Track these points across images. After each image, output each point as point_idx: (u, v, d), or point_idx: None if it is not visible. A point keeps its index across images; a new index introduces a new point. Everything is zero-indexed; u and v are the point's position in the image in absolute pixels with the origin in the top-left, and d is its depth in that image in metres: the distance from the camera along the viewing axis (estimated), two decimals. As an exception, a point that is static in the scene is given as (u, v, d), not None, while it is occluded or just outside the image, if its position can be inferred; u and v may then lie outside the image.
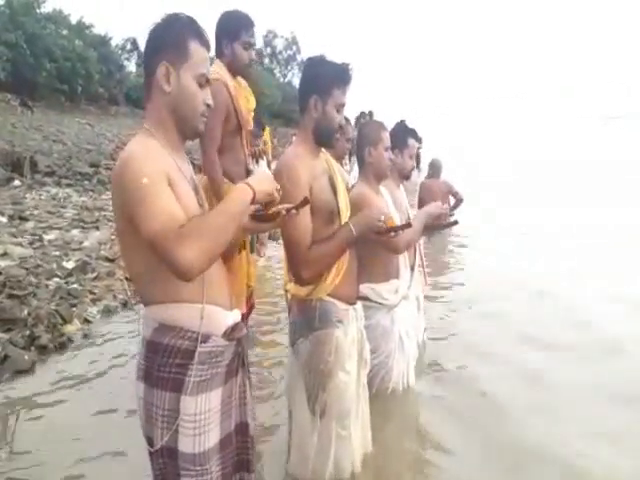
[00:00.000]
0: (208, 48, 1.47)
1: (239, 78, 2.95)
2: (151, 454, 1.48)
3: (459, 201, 6.89)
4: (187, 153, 1.58)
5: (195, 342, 1.42)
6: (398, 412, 2.77)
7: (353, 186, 2.61)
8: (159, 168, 1.32)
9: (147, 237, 1.28)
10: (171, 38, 1.41)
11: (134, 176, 1.29)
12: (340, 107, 1.98)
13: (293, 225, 1.85)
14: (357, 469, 2.15)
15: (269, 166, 4.59)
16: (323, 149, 2.09)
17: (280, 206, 1.53)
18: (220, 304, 1.49)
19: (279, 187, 1.49)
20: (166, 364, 1.41)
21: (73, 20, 29.87)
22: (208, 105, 1.46)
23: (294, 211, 1.57)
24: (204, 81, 1.44)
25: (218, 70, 2.74)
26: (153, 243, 1.28)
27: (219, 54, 2.85)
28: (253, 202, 1.42)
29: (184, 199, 1.37)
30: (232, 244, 1.47)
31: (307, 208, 1.87)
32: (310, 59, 2.04)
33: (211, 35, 2.86)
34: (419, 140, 3.82)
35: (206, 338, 1.43)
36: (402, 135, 3.11)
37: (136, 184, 1.28)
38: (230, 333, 1.50)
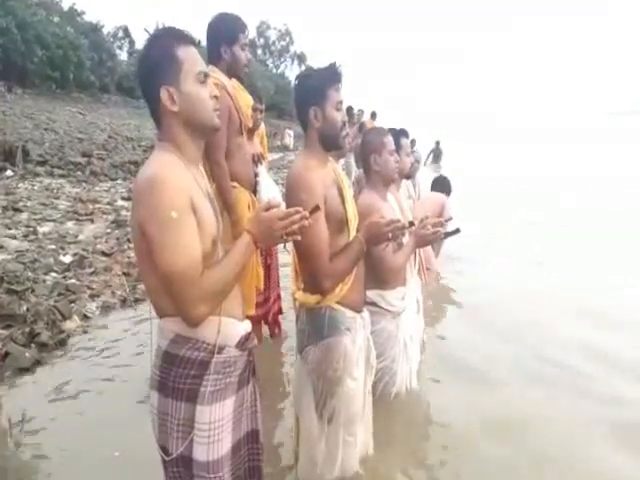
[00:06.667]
0: (194, 44, 1.46)
1: (233, 79, 2.98)
2: (165, 462, 1.50)
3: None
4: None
5: (211, 353, 1.44)
6: (400, 415, 2.80)
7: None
8: (185, 194, 1.33)
9: (164, 272, 1.31)
10: (159, 58, 1.39)
11: (163, 205, 1.29)
12: (339, 105, 1.99)
13: (312, 237, 1.86)
14: (359, 472, 2.18)
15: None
16: (330, 158, 2.11)
17: (290, 218, 1.46)
18: (234, 315, 1.52)
19: (281, 215, 1.45)
20: (182, 375, 1.43)
21: (65, 7, 29.53)
22: (215, 96, 1.46)
23: (309, 220, 1.55)
24: (203, 76, 1.43)
25: (214, 74, 2.74)
26: (169, 281, 1.32)
27: (215, 59, 2.85)
28: (257, 247, 1.47)
29: (205, 216, 1.39)
30: None
31: (323, 220, 1.89)
32: (298, 76, 2.06)
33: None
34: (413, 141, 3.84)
35: (221, 349, 1.46)
36: (395, 138, 3.17)
37: (164, 215, 1.29)
38: (243, 343, 1.53)
